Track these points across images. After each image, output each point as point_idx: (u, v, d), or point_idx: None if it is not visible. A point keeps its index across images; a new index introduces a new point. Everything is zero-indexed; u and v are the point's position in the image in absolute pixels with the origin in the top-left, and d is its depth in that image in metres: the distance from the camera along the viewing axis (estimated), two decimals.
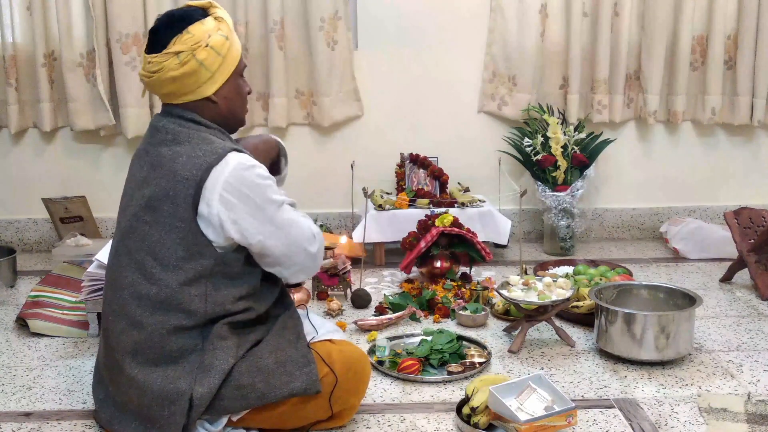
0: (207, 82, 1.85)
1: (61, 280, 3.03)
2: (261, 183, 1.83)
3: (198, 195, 1.78)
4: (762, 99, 3.82)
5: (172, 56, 1.79)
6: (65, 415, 2.12)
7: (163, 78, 1.81)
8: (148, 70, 1.84)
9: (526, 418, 1.89)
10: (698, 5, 3.76)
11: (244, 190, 1.80)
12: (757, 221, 3.20)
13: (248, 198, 1.80)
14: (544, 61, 3.80)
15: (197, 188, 1.78)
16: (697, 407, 2.13)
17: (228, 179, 1.78)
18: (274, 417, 1.91)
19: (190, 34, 1.80)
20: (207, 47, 1.81)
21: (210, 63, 1.83)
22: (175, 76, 1.81)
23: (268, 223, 1.83)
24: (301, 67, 3.74)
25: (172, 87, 1.84)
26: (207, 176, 1.78)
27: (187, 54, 1.79)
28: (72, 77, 3.60)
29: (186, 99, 1.86)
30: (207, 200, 1.78)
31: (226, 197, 1.78)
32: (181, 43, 1.79)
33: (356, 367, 1.98)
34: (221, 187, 1.78)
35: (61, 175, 3.85)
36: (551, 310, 2.54)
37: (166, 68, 1.80)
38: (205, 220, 1.79)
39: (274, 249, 1.86)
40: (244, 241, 1.83)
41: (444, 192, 3.67)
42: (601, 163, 3.85)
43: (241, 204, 1.80)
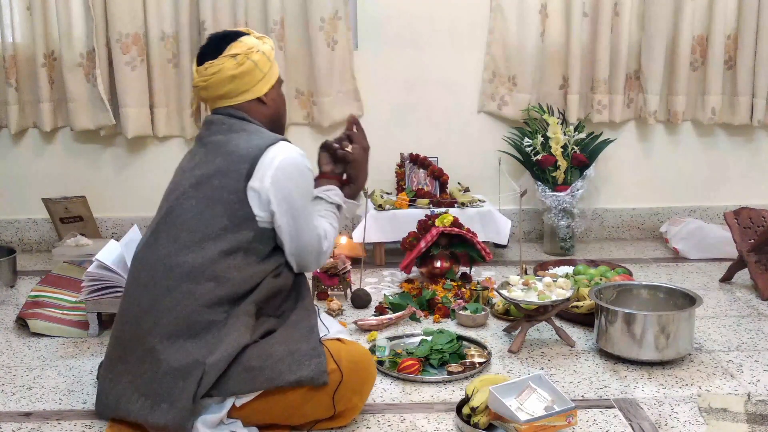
0: (260, 82, 2.05)
1: (61, 280, 3.03)
2: (308, 173, 2.02)
3: (252, 169, 1.93)
4: (762, 99, 3.82)
5: (229, 58, 2.00)
6: (65, 415, 2.12)
7: (223, 77, 2.00)
8: (205, 75, 2.01)
9: (526, 418, 1.89)
10: (698, 5, 3.76)
11: (296, 173, 1.97)
12: (757, 221, 3.20)
13: (296, 181, 1.97)
14: (544, 61, 3.80)
15: (252, 163, 1.93)
16: (697, 407, 2.13)
17: (283, 161, 1.95)
18: (277, 410, 1.92)
19: (243, 42, 2.03)
20: (259, 51, 2.04)
21: (262, 65, 2.05)
22: (234, 74, 2.00)
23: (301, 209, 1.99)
24: (301, 67, 3.74)
25: (230, 86, 2.01)
26: (262, 154, 1.94)
27: (243, 56, 2.00)
28: (72, 77, 3.60)
29: (240, 99, 2.04)
30: (260, 176, 1.93)
31: (278, 176, 1.94)
32: (236, 47, 2.01)
33: (362, 367, 2.00)
34: (275, 167, 1.93)
35: (61, 175, 3.85)
36: (551, 310, 2.54)
37: (225, 68, 1.99)
38: (255, 193, 1.93)
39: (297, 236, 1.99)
40: (278, 220, 1.95)
41: (444, 192, 3.67)
42: (601, 163, 3.85)
43: (290, 184, 1.95)
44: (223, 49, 2.00)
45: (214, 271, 1.89)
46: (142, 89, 3.64)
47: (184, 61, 3.63)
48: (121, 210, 3.90)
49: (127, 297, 1.97)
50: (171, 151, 3.84)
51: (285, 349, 1.91)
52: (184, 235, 1.92)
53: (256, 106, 2.07)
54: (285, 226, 1.96)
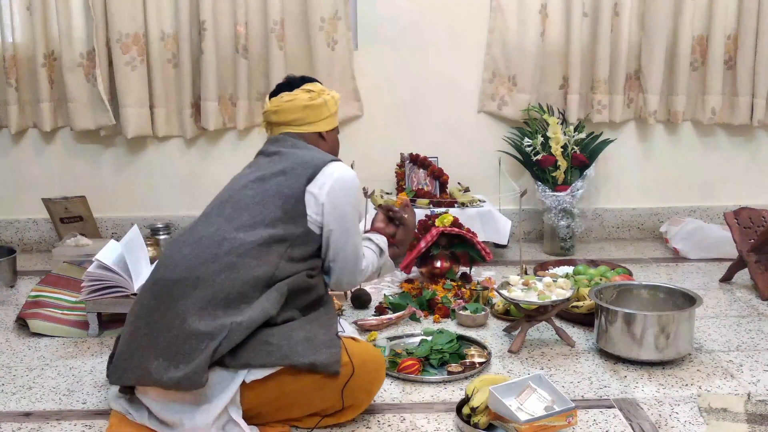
0: (326, 119, 2.27)
1: (61, 280, 3.03)
2: (359, 194, 2.20)
3: (314, 175, 2.10)
4: (762, 99, 3.82)
5: (304, 92, 2.23)
6: (65, 415, 2.12)
7: (296, 105, 2.22)
8: (280, 102, 2.23)
9: (526, 418, 1.89)
10: (698, 5, 3.76)
11: (350, 189, 2.14)
12: (757, 221, 3.20)
13: (348, 197, 2.14)
14: (544, 61, 3.80)
15: (315, 171, 2.11)
16: (697, 407, 2.13)
17: (341, 176, 2.13)
18: (285, 393, 1.92)
19: (316, 84, 2.27)
20: (329, 95, 2.28)
21: (331, 106, 2.28)
22: (306, 105, 2.22)
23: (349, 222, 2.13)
24: (301, 67, 3.74)
25: (301, 114, 2.23)
26: (324, 165, 2.13)
27: (316, 94, 2.24)
28: (72, 77, 3.60)
29: (305, 129, 2.25)
30: (320, 183, 2.10)
31: (335, 187, 2.10)
32: (311, 86, 2.25)
33: (373, 367, 2.03)
34: (334, 179, 2.11)
35: (61, 175, 3.85)
36: (551, 310, 2.54)
37: (300, 99, 2.22)
38: (312, 197, 2.08)
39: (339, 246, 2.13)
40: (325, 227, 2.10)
41: (444, 192, 3.67)
42: (601, 163, 3.85)
43: (342, 197, 2.11)
44: (301, 86, 2.24)
45: (259, 252, 1.97)
46: (142, 89, 3.64)
47: (184, 61, 3.63)
48: (121, 210, 3.90)
49: (162, 268, 2.00)
50: (171, 151, 3.84)
51: (303, 335, 1.95)
52: (238, 217, 2.04)
53: (317, 139, 2.27)
54: (332, 233, 2.11)
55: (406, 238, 2.44)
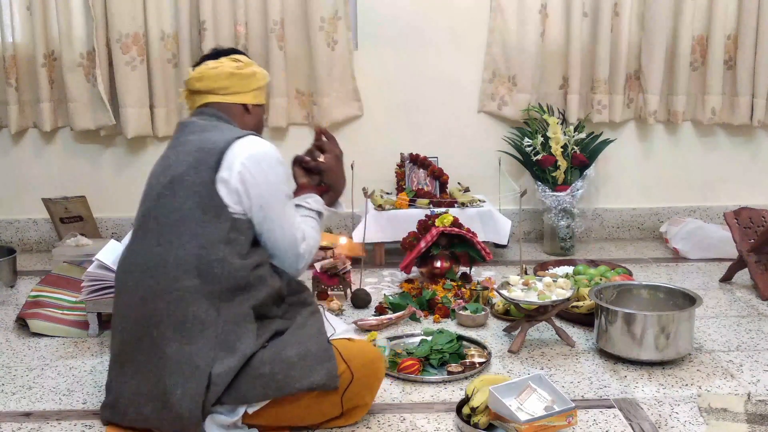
0: (253, 91, 2.13)
1: (61, 280, 3.03)
2: (280, 168, 1.99)
3: (220, 161, 1.92)
4: (762, 99, 3.82)
5: (231, 60, 2.10)
6: (65, 415, 2.12)
7: (222, 72, 2.06)
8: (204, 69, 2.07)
9: (526, 418, 1.89)
10: (698, 5, 3.76)
11: (265, 165, 1.95)
12: (757, 221, 3.20)
13: (266, 174, 1.94)
14: (544, 61, 3.80)
15: (220, 155, 1.92)
16: (697, 407, 2.13)
17: (252, 152, 1.94)
18: (289, 413, 1.92)
19: (246, 57, 2.15)
20: (257, 69, 2.15)
21: (259, 79, 2.14)
22: (233, 72, 2.07)
23: (273, 204, 1.96)
24: (301, 67, 3.74)
25: (226, 82, 2.07)
26: (230, 146, 1.93)
27: (244, 64, 2.11)
28: (72, 77, 3.60)
29: (229, 99, 2.09)
30: (229, 165, 1.91)
31: (248, 165, 1.92)
32: (239, 57, 2.12)
33: (372, 366, 2.00)
34: (245, 157, 1.93)
35: (61, 175, 3.85)
36: (551, 310, 2.54)
37: (226, 66, 2.07)
38: (224, 183, 1.91)
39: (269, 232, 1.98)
40: (249, 212, 1.95)
41: (444, 192, 3.67)
42: (601, 163, 3.85)
43: (258, 176, 1.93)
44: (228, 55, 2.11)
45: (198, 267, 1.87)
46: (142, 89, 3.64)
47: (184, 61, 3.63)
48: (121, 210, 3.90)
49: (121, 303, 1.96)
50: None
51: (296, 352, 1.89)
52: (164, 233, 1.91)
53: (241, 111, 2.11)
54: (257, 218, 1.96)
55: (334, 177, 2.24)
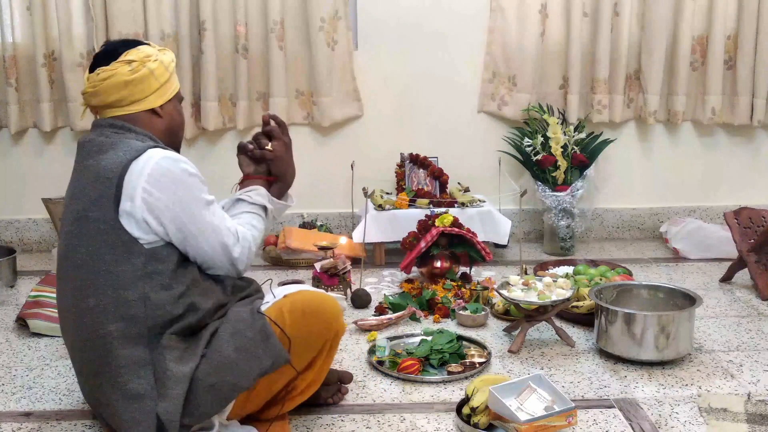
0: (155, 93, 1.89)
1: None
2: (187, 179, 1.80)
3: (119, 191, 1.74)
4: (762, 99, 3.82)
5: (124, 64, 1.84)
6: (65, 415, 2.12)
7: (115, 82, 1.83)
8: (96, 80, 1.85)
9: (526, 418, 1.89)
10: (698, 5, 3.76)
11: (168, 182, 1.76)
12: (757, 221, 3.20)
13: (172, 192, 1.77)
14: (544, 61, 3.80)
15: (117, 185, 1.74)
16: (697, 407, 2.13)
17: (151, 172, 1.75)
18: (254, 398, 1.91)
19: (140, 49, 1.88)
20: (156, 60, 1.88)
21: (159, 74, 1.88)
22: (127, 80, 1.84)
23: (189, 222, 1.79)
24: (301, 67, 3.74)
25: (123, 93, 1.85)
26: (126, 171, 1.75)
27: (139, 63, 1.85)
28: (72, 77, 3.60)
29: (131, 109, 1.87)
30: (129, 195, 1.74)
31: (149, 190, 1.75)
32: (132, 54, 1.86)
33: (310, 308, 1.92)
34: (144, 180, 1.75)
35: (61, 175, 3.81)
36: (551, 310, 2.54)
37: (119, 74, 1.83)
38: (128, 216, 1.75)
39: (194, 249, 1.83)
40: (166, 237, 1.79)
41: (444, 192, 3.67)
42: (601, 163, 3.85)
43: (164, 197, 1.76)
44: (120, 54, 1.85)
45: (117, 310, 1.75)
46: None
47: (183, 62, 3.63)
48: None
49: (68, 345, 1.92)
50: None
51: (233, 348, 1.80)
52: (79, 278, 1.79)
53: (149, 117, 1.89)
54: (176, 239, 1.80)
55: (283, 167, 2.05)
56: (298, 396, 2.00)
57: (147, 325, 1.75)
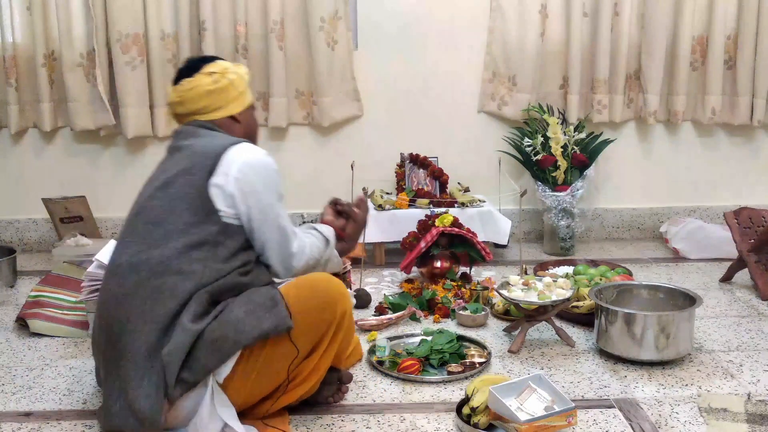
0: (235, 101, 2.12)
1: (61, 280, 3.03)
2: (273, 174, 2.03)
3: (215, 165, 1.95)
4: (762, 99, 3.82)
5: (206, 75, 2.07)
6: (65, 415, 2.12)
7: (199, 92, 2.07)
8: (181, 91, 2.08)
9: (526, 418, 1.89)
10: (698, 5, 3.76)
11: (260, 170, 1.99)
12: (757, 221, 3.20)
13: (261, 180, 1.99)
14: (544, 61, 3.80)
15: (215, 160, 1.95)
16: (697, 407, 2.13)
17: (247, 159, 1.98)
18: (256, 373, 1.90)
19: (219, 63, 2.12)
20: (234, 73, 2.12)
21: (238, 84, 2.12)
22: (209, 90, 2.07)
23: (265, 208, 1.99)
24: (301, 67, 3.74)
25: (206, 101, 2.08)
26: (225, 152, 1.97)
27: (220, 75, 2.09)
28: (72, 77, 3.60)
29: (214, 116, 2.10)
30: (224, 171, 1.95)
31: (244, 171, 1.96)
32: (212, 67, 2.10)
33: (318, 285, 1.99)
34: (241, 162, 1.96)
35: (61, 175, 3.85)
36: (551, 310, 2.54)
37: (201, 85, 2.07)
38: (218, 189, 1.94)
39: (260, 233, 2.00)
40: (242, 217, 1.97)
41: (444, 192, 3.67)
42: (601, 163, 3.85)
43: (253, 181, 1.97)
44: (201, 68, 2.08)
45: (179, 265, 1.88)
46: (142, 89, 3.64)
47: None
48: (121, 210, 3.84)
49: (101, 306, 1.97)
50: None
51: (242, 310, 1.89)
52: (150, 233, 1.93)
53: (229, 123, 2.11)
54: (251, 221, 1.98)
55: (355, 232, 2.31)
56: (300, 384, 2.00)
57: (200, 283, 1.88)
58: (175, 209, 1.93)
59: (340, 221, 2.31)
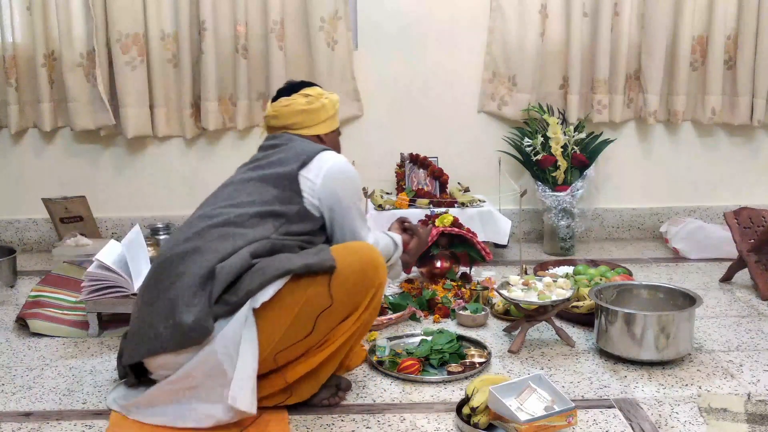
0: (325, 122, 2.35)
1: (61, 280, 3.03)
2: (357, 182, 2.27)
3: (307, 162, 2.17)
4: (762, 99, 3.82)
5: (302, 96, 2.31)
6: (65, 415, 2.12)
7: (293, 110, 2.30)
8: (278, 107, 2.31)
9: (526, 418, 1.89)
10: (698, 5, 3.76)
11: (346, 176, 2.21)
12: (757, 221, 3.20)
13: (346, 184, 2.21)
14: (544, 61, 3.80)
15: (308, 158, 2.18)
16: (697, 407, 2.13)
17: (337, 163, 2.20)
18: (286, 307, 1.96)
19: (314, 88, 2.35)
20: (327, 98, 2.35)
21: (329, 108, 2.35)
22: (303, 109, 2.30)
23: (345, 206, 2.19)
24: (301, 67, 3.74)
25: (299, 118, 2.30)
26: (319, 153, 2.20)
27: (314, 98, 2.32)
28: (72, 77, 3.60)
29: (304, 132, 2.32)
30: (315, 169, 2.17)
31: (333, 172, 2.17)
32: (309, 90, 2.33)
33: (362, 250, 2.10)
34: (331, 165, 2.18)
35: (61, 175, 3.85)
36: (551, 310, 2.54)
37: (297, 103, 2.30)
38: (307, 180, 2.15)
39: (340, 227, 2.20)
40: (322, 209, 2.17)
41: (444, 192, 3.67)
42: (601, 163, 3.85)
43: (340, 182, 2.18)
44: (298, 90, 2.33)
45: (253, 222, 2.07)
46: (142, 89, 3.64)
47: (183, 61, 3.63)
48: (121, 210, 3.90)
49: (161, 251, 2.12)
50: (171, 151, 3.84)
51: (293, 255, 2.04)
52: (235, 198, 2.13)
53: (316, 141, 2.32)
54: (333, 219, 2.19)
55: (417, 248, 2.54)
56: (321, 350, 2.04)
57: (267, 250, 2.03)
58: (263, 184, 2.14)
59: (405, 236, 2.52)
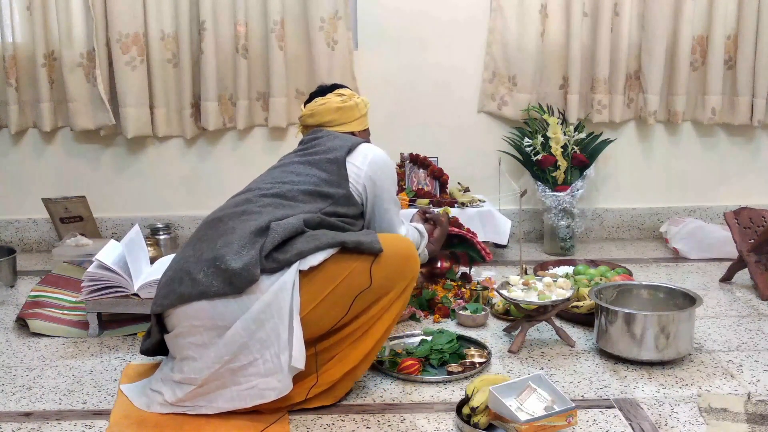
0: (358, 120, 2.50)
1: (61, 280, 3.03)
2: (394, 173, 2.42)
3: (353, 150, 2.32)
4: (762, 99, 3.82)
5: (336, 95, 2.47)
6: (65, 415, 2.12)
7: (329, 108, 2.44)
8: (314, 106, 2.45)
9: (526, 418, 1.89)
10: (698, 5, 3.76)
11: (388, 168, 2.37)
12: (757, 221, 3.20)
13: (387, 174, 2.35)
14: (544, 61, 3.80)
15: (353, 146, 2.32)
16: (697, 407, 2.13)
17: (379, 155, 2.35)
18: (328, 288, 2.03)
19: (346, 90, 2.52)
20: (359, 98, 2.51)
21: (361, 108, 2.51)
22: (338, 107, 2.44)
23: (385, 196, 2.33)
24: (301, 67, 3.74)
25: (334, 115, 2.45)
26: (361, 144, 2.35)
27: (348, 97, 2.48)
28: (72, 77, 3.60)
29: (340, 129, 2.45)
30: (362, 155, 2.31)
31: (377, 161, 2.33)
32: (342, 91, 2.50)
33: (401, 240, 2.23)
34: (375, 154, 2.34)
35: (61, 175, 3.85)
36: (551, 310, 2.54)
37: (332, 102, 2.45)
38: (354, 166, 2.29)
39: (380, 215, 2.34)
40: (364, 195, 2.30)
41: (444, 192, 3.67)
42: (601, 163, 3.85)
43: (382, 172, 2.33)
44: (332, 91, 2.48)
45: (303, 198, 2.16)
46: (142, 89, 3.64)
47: (183, 61, 3.63)
48: (121, 210, 3.90)
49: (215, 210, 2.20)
50: (171, 151, 3.84)
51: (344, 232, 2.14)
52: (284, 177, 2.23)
53: None
54: (374, 206, 2.32)
55: (440, 237, 2.66)
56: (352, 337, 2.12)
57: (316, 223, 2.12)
58: (313, 168, 2.25)
59: (428, 225, 2.65)
